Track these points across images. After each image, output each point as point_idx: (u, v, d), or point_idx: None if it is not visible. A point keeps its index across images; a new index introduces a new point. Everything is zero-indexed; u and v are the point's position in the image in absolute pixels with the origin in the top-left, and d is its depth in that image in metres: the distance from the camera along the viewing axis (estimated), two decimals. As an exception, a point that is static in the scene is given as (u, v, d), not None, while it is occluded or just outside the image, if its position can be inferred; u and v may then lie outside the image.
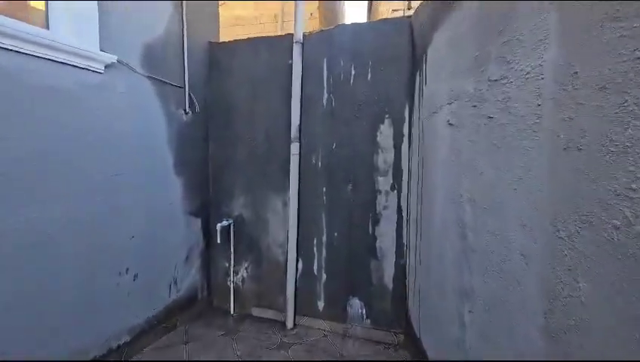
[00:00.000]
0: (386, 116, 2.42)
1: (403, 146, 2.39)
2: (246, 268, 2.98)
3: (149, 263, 2.50)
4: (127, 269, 2.33)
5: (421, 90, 2.12)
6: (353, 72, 2.50)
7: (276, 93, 2.73)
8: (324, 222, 2.66)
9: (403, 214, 2.41)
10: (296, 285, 2.79)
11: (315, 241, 2.70)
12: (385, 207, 2.46)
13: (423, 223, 2.08)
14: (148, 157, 2.45)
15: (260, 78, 2.79)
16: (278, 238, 2.83)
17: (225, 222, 2.91)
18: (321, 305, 2.73)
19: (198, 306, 3.01)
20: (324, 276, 2.70)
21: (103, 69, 2.11)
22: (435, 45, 1.88)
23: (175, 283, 2.76)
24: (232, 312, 3.03)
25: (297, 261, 2.77)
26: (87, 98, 2.02)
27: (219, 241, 2.83)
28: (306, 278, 2.76)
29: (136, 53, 2.34)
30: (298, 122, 2.65)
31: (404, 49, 2.36)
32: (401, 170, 2.40)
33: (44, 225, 1.83)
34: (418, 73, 2.18)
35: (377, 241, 2.50)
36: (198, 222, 2.97)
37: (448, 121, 1.70)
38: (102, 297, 2.16)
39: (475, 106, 1.48)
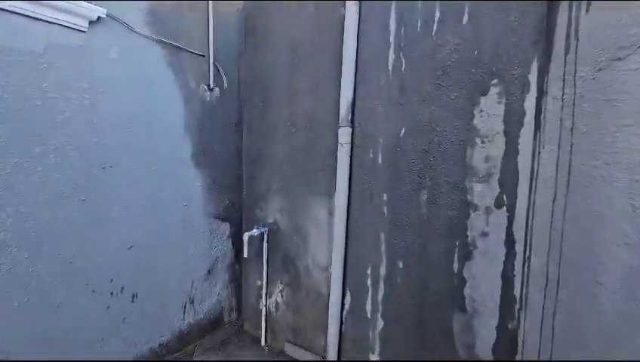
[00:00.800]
0: (493, 82, 1.45)
1: (523, 132, 1.39)
2: (280, 292, 2.30)
3: (154, 279, 1.97)
4: (123, 288, 1.83)
5: (573, 28, 1.12)
6: (437, 16, 1.57)
7: (323, 61, 1.94)
8: (384, 246, 1.81)
9: (517, 248, 1.43)
10: (341, 327, 2.01)
11: (369, 271, 1.88)
12: (483, 234, 1.51)
13: (566, 272, 1.11)
14: (154, 144, 1.89)
15: (303, 40, 2.03)
16: (320, 259, 2.08)
17: (256, 231, 2.26)
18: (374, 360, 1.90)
19: (224, 330, 2.44)
20: (381, 322, 1.86)
21: (87, 25, 1.57)
22: None
23: (192, 303, 2.21)
24: (263, 343, 2.39)
25: (344, 294, 1.98)
26: (61, 64, 1.51)
27: (246, 255, 2.20)
28: (355, 320, 1.96)
29: (138, 8, 1.77)
30: (350, 98, 1.83)
31: (533, -37, 1.35)
32: (518, 174, 1.42)
33: (-8, 234, 1.37)
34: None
35: (467, 286, 1.57)
36: (225, 228, 2.38)
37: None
38: (84, 325, 1.67)
39: None
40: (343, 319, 2.01)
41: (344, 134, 1.83)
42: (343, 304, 2.00)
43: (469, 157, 1.52)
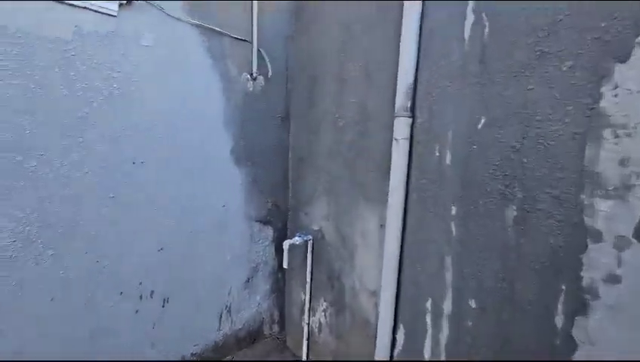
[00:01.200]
0: (641, 39, 0.91)
1: (699, 119, 0.84)
2: (324, 311, 1.99)
3: (187, 285, 1.83)
4: (153, 292, 1.71)
5: None
6: (544, -50, 1.07)
7: (379, 37, 1.56)
8: (450, 274, 1.36)
9: (677, 310, 0.87)
10: (391, 368, 1.62)
11: (429, 304, 1.45)
12: (611, 278, 0.97)
13: None
14: (189, 138, 1.75)
15: (356, 16, 1.67)
16: (368, 279, 1.71)
17: (298, 239, 1.98)
18: (432, 422, 1.46)
19: (264, 344, 2.23)
20: (443, 374, 1.41)
21: (117, 9, 1.47)
22: None
23: (229, 312, 2.03)
24: (304, 365, 2.12)
25: (395, 328, 1.58)
26: (90, 52, 1.42)
27: (285, 266, 1.93)
28: (408, 363, 1.55)
29: (173, -11, 1.63)
30: (411, 80, 1.41)
31: None
32: (682, 188, 0.86)
33: (17, 230, 1.32)
34: None
35: (578, 352, 1.04)
36: (268, 232, 2.15)
37: None
38: (111, 328, 1.59)
39: None
40: (394, 357, 1.61)
41: (401, 126, 1.43)
42: (394, 339, 1.60)
43: (590, 158, 1.00)
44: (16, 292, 1.34)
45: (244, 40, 1.88)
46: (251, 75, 1.94)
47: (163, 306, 1.76)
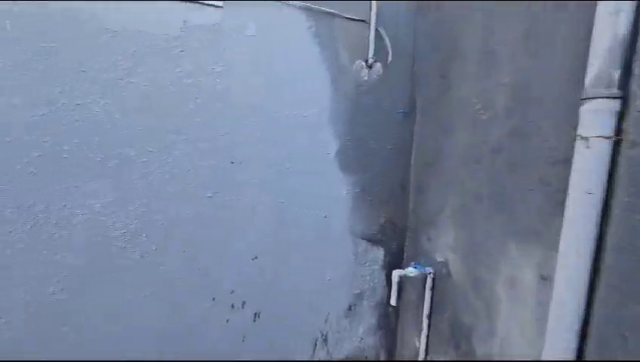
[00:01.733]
0: None
1: None
2: (444, 374, 1.46)
3: (280, 301, 1.64)
4: (244, 303, 1.59)
5: None
6: None
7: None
8: None
9: None
10: None
11: None
12: None
13: None
14: (290, 137, 1.55)
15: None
16: (517, 354, 1.10)
17: (413, 270, 1.52)
18: None
19: (366, 387, 1.85)
20: None
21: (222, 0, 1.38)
22: None
23: (325, 340, 1.75)
24: None
25: None
26: (196, 47, 1.38)
27: (394, 303, 1.51)
28: None
29: (281, -30, 1.45)
30: (623, 28, 0.78)
31: None
32: None
33: (127, 222, 1.38)
34: None
35: None
36: (378, 254, 1.76)
37: None
38: (202, 332, 1.54)
39: None
40: None
41: (596, 115, 0.81)
42: None
43: None
44: (125, 281, 1.40)
45: (360, 20, 1.56)
46: (366, 61, 1.59)
47: (254, 320, 1.61)
